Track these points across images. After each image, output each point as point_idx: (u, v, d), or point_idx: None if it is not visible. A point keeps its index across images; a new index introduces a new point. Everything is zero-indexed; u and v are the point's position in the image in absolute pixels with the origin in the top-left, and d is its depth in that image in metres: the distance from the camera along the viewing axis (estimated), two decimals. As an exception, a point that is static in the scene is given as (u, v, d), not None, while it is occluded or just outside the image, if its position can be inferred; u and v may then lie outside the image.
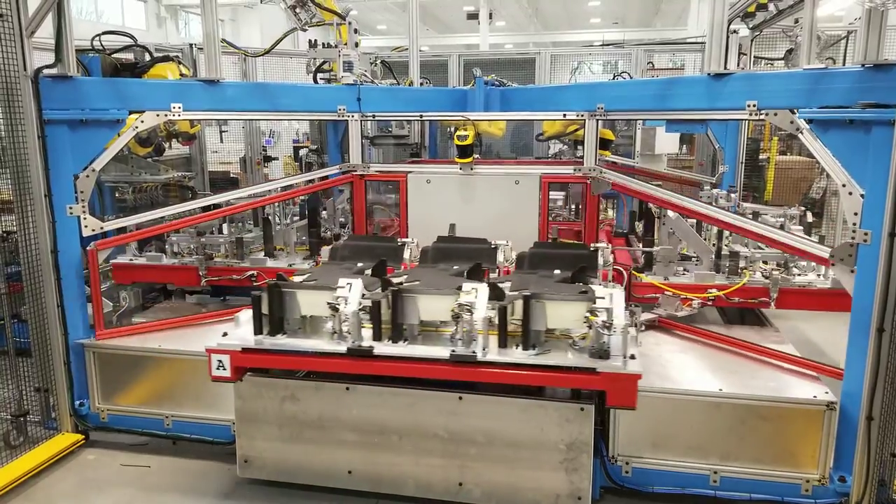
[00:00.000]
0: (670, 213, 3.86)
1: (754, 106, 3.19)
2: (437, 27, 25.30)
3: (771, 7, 4.99)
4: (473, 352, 2.67)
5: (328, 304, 2.77)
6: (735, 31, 5.71)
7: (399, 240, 3.63)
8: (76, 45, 3.56)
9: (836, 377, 3.01)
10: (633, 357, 2.62)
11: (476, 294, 2.68)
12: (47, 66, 3.41)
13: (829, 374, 3.10)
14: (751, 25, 5.60)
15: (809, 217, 3.99)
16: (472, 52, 12.07)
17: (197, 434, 3.56)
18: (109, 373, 3.66)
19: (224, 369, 2.86)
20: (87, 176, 3.57)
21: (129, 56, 4.62)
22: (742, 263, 3.79)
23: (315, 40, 4.86)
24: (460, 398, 2.94)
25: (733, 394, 2.96)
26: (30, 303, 3.53)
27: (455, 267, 3.26)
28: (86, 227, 3.60)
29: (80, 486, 3.37)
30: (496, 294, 2.76)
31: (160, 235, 4.37)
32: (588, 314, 2.59)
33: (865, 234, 2.75)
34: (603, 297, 2.62)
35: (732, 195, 4.37)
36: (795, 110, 3.04)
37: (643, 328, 3.51)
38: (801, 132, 3.02)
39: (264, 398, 3.12)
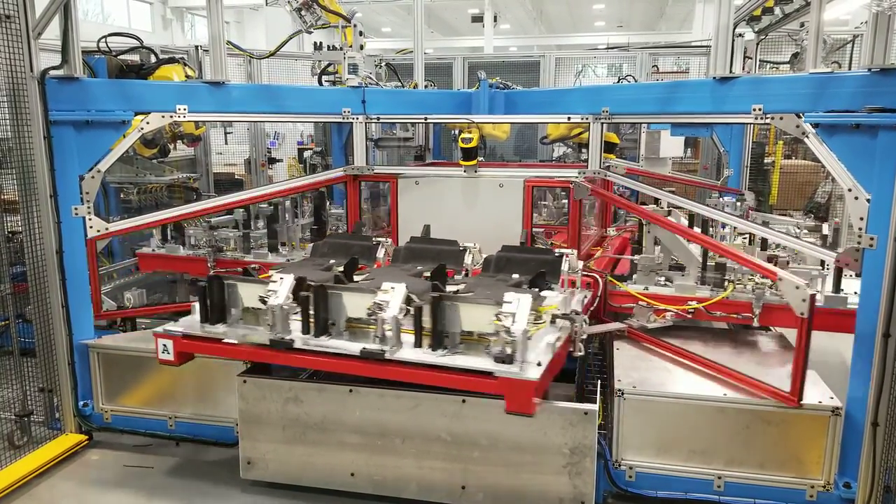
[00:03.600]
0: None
1: (760, 110, 3.18)
2: (441, 30, 25.34)
3: (777, 11, 4.98)
4: (382, 349, 2.67)
5: (259, 297, 2.86)
6: (740, 35, 5.71)
7: (375, 239, 3.69)
8: (82, 47, 3.57)
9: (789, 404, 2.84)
10: (539, 364, 2.54)
11: (392, 293, 2.70)
12: (54, 68, 3.43)
13: (777, 398, 2.86)
14: (756, 29, 5.58)
15: (825, 229, 3.75)
16: (477, 55, 12.10)
17: (200, 435, 3.57)
18: (113, 373, 3.66)
19: (168, 353, 2.97)
20: (93, 177, 3.58)
21: (135, 58, 4.64)
22: (730, 276, 3.52)
23: (320, 43, 4.87)
24: (463, 401, 2.94)
25: (738, 398, 2.94)
26: (34, 303, 3.54)
27: (419, 267, 3.29)
28: (91, 227, 3.61)
29: (84, 486, 3.37)
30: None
31: (180, 229, 4.57)
32: (495, 318, 2.56)
33: (871, 238, 2.73)
34: (510, 302, 2.58)
35: (739, 203, 4.31)
36: (801, 114, 3.03)
37: (585, 338, 3.21)
38: (807, 136, 3.01)
39: (267, 400, 3.13)
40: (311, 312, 2.84)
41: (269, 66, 7.61)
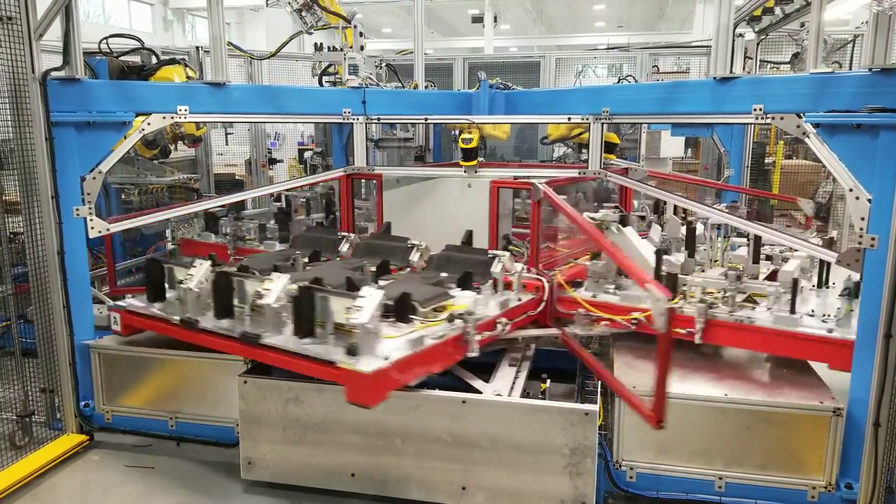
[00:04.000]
0: (614, 227, 3.55)
1: (760, 110, 3.18)
2: (442, 30, 25.35)
3: (777, 11, 4.98)
4: (258, 334, 2.88)
5: (179, 280, 3.26)
6: (741, 35, 5.71)
7: (340, 234, 4.03)
8: (83, 48, 3.57)
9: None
10: (386, 359, 2.62)
11: (274, 283, 2.93)
12: (55, 69, 3.43)
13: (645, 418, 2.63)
14: (757, 29, 5.58)
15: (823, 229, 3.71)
16: (477, 56, 12.08)
17: (201, 435, 3.57)
18: (114, 374, 3.66)
19: (117, 325, 3.53)
20: (94, 178, 3.58)
21: (136, 59, 4.64)
22: (685, 288, 3.34)
23: (320, 44, 4.88)
24: (463, 402, 2.94)
25: (739, 399, 2.94)
26: (36, 303, 3.54)
27: (365, 262, 3.59)
28: (92, 228, 3.61)
29: (85, 486, 3.37)
30: (350, 286, 3.10)
31: (216, 218, 5.06)
32: (345, 311, 2.70)
33: (873, 238, 2.73)
34: (363, 296, 2.69)
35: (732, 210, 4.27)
36: (802, 114, 3.03)
37: (478, 339, 3.15)
38: (808, 136, 3.01)
39: (268, 400, 3.13)
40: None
41: (270, 66, 7.61)
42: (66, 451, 3.56)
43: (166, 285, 3.45)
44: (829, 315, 3.15)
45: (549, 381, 3.29)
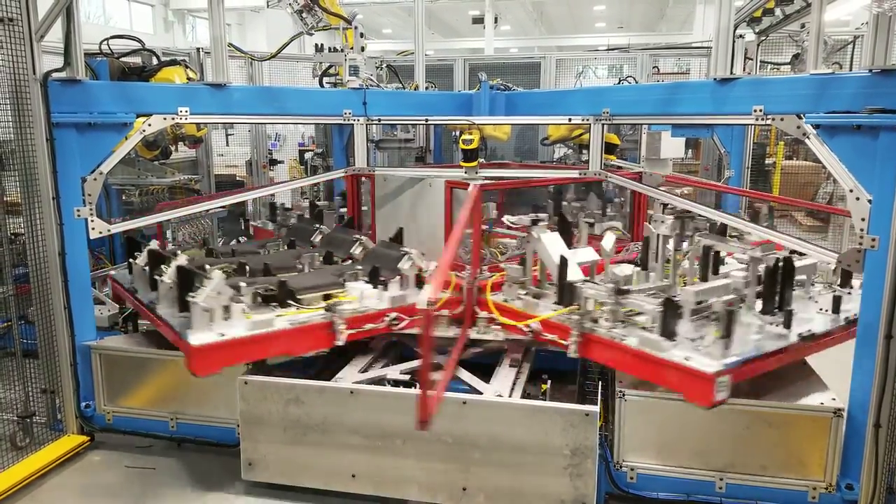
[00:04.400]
0: (535, 231, 3.46)
1: (760, 111, 3.18)
2: (442, 31, 25.38)
3: (777, 12, 4.98)
4: (156, 304, 3.38)
5: (133, 256, 3.92)
6: (741, 36, 5.71)
7: (315, 226, 4.49)
8: (84, 49, 3.58)
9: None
10: (222, 335, 2.91)
11: (172, 264, 3.38)
12: (56, 70, 3.43)
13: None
14: (757, 30, 5.58)
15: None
16: (478, 57, 12.07)
17: (201, 436, 3.57)
18: (115, 375, 3.67)
19: (109, 291, 4.36)
20: (95, 179, 3.59)
21: (137, 60, 4.65)
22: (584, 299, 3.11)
23: (321, 44, 4.89)
24: (464, 402, 2.94)
25: (739, 400, 2.93)
26: (37, 304, 3.55)
27: (315, 252, 4.05)
28: (93, 229, 3.61)
29: (86, 487, 3.38)
30: (266, 272, 3.59)
31: (275, 208, 5.60)
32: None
33: (873, 239, 2.73)
34: (211, 279, 3.07)
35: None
36: (802, 115, 3.03)
37: (345, 329, 3.24)
38: (808, 137, 3.01)
39: (269, 401, 3.13)
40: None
41: (271, 67, 7.61)
42: (67, 452, 3.57)
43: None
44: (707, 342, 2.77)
45: (549, 381, 3.29)
